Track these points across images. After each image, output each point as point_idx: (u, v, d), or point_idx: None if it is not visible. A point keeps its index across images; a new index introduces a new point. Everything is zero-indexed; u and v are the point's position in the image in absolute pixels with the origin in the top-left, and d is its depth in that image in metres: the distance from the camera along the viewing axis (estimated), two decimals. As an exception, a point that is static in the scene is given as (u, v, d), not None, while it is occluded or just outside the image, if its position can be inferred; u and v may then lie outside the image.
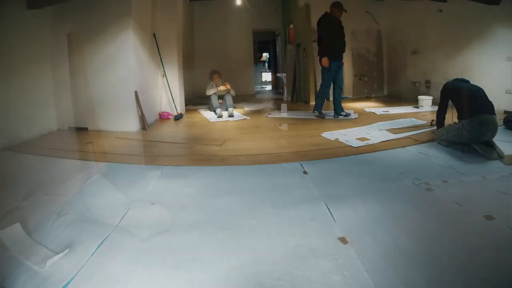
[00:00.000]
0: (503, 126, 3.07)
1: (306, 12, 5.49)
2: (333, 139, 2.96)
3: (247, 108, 5.33)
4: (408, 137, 2.94)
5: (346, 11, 4.06)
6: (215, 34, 7.59)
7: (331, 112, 4.26)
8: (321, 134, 3.16)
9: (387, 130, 3.22)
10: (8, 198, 1.76)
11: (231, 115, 4.47)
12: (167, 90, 4.55)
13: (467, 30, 4.44)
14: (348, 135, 3.08)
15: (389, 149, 2.60)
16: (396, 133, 3.07)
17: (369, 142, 2.81)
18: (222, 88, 4.83)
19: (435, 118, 2.97)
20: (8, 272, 1.13)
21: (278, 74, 9.03)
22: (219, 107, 4.63)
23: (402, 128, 3.29)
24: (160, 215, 1.58)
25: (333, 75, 4.10)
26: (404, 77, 6.10)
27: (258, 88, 11.18)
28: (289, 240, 1.31)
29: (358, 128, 3.41)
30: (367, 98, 6.42)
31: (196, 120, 4.40)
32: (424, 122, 3.51)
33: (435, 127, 2.95)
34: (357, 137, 3.00)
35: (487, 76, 4.16)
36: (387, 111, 4.48)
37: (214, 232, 1.40)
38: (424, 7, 5.09)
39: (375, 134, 3.11)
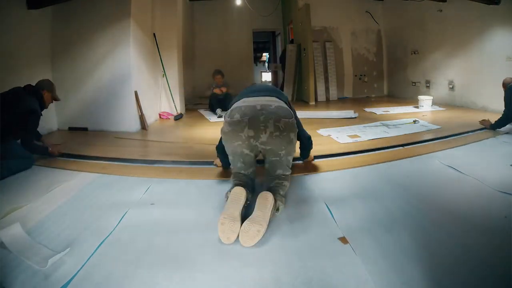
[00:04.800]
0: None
1: (306, 12, 5.48)
2: (326, 135, 3.11)
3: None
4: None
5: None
6: (215, 34, 7.58)
7: None
8: (317, 131, 3.27)
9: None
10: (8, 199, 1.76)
11: (231, 115, 4.45)
12: (167, 90, 4.55)
13: (467, 30, 4.44)
14: (342, 132, 3.18)
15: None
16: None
17: (359, 139, 2.89)
18: (217, 91, 4.79)
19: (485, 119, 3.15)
20: (8, 271, 1.13)
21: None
22: (219, 108, 4.63)
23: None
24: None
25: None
26: (404, 77, 6.10)
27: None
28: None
29: (355, 126, 3.50)
30: (367, 98, 6.42)
31: (196, 120, 4.40)
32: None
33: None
34: (349, 134, 3.10)
35: (487, 76, 4.17)
36: (387, 111, 4.48)
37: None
38: (424, 7, 5.09)
39: (369, 132, 3.16)
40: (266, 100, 1.56)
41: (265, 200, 1.35)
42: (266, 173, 1.67)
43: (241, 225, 1.30)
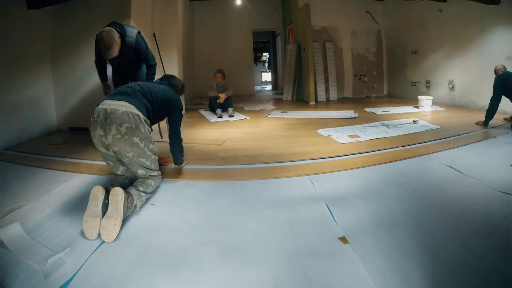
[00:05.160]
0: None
1: (306, 12, 5.49)
2: (326, 135, 3.11)
3: (247, 108, 5.33)
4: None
5: None
6: (215, 34, 7.59)
7: None
8: (317, 131, 3.28)
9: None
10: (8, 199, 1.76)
11: (231, 116, 4.47)
12: (167, 90, 4.53)
13: (467, 30, 4.44)
14: (342, 133, 3.18)
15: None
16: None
17: (359, 139, 2.89)
18: (221, 101, 4.72)
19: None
20: (8, 271, 1.13)
21: None
22: (219, 108, 4.63)
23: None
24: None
25: None
26: (404, 77, 6.10)
27: (258, 88, 11.18)
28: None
29: (355, 126, 3.50)
30: (367, 98, 6.42)
31: (196, 120, 4.40)
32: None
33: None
34: (349, 134, 3.10)
35: (487, 76, 4.17)
36: (387, 111, 4.48)
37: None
38: (424, 7, 5.10)
39: (369, 132, 3.17)
40: (117, 105, 1.66)
41: (115, 196, 1.44)
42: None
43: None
